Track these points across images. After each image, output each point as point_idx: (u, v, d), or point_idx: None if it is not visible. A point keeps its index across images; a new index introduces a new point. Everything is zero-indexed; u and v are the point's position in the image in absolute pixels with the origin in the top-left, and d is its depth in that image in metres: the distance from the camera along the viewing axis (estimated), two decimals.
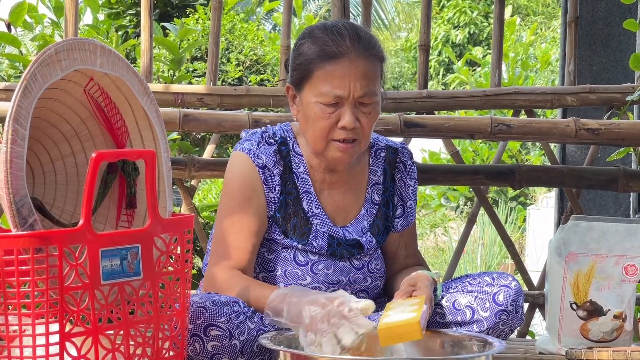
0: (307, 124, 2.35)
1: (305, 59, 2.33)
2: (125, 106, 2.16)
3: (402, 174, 2.53)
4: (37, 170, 2.26)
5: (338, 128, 2.32)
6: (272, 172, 2.39)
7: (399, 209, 2.53)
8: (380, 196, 2.50)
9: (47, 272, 1.72)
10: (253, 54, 7.45)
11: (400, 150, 2.54)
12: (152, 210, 1.90)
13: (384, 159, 2.51)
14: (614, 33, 4.93)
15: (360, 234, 2.45)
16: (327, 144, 2.34)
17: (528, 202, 11.26)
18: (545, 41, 15.25)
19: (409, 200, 2.53)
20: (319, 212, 2.43)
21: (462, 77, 9.48)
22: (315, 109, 2.31)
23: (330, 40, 2.32)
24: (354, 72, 2.30)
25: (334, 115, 2.31)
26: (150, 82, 3.52)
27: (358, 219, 2.47)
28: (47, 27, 4.15)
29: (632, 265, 2.63)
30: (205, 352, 2.13)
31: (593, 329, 2.61)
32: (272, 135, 2.42)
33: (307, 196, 2.42)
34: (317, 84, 2.31)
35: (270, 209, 2.39)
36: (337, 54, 2.30)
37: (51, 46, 1.92)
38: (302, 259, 2.41)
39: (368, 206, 2.49)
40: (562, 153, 4.91)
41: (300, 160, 2.43)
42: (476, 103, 3.63)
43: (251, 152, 2.39)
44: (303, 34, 2.40)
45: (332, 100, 2.30)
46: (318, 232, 2.41)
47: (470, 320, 2.35)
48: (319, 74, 2.31)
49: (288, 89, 2.40)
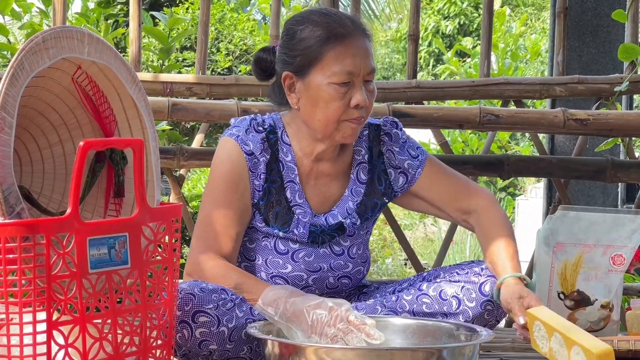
0: (315, 108, 2.34)
1: (312, 42, 2.33)
2: (113, 95, 2.15)
3: (387, 144, 2.52)
4: (25, 159, 2.25)
5: (351, 107, 2.33)
6: (258, 159, 2.39)
7: (400, 177, 2.51)
8: (366, 174, 2.50)
9: (34, 260, 1.72)
10: (243, 44, 7.44)
11: (383, 124, 2.54)
12: (140, 199, 1.90)
13: (367, 137, 2.51)
14: (603, 24, 4.93)
15: (345, 214, 2.45)
16: (337, 125, 2.35)
17: (517, 192, 11.28)
18: (535, 32, 15.26)
19: (405, 162, 2.50)
20: (302, 202, 2.43)
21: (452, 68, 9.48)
22: (329, 90, 2.31)
23: (333, 22, 2.34)
24: (360, 50, 2.33)
25: (346, 95, 2.32)
26: (139, 71, 3.52)
27: (342, 201, 2.47)
28: (35, 16, 4.13)
29: (620, 256, 2.64)
30: (193, 339, 2.13)
31: (580, 318, 2.61)
32: (261, 123, 2.42)
33: (292, 185, 2.42)
34: (330, 64, 2.31)
35: (255, 197, 2.39)
36: (345, 34, 2.33)
37: (39, 34, 1.91)
38: (283, 248, 2.41)
39: (353, 186, 2.48)
40: (551, 143, 4.93)
41: (288, 150, 2.43)
42: (465, 93, 3.64)
43: (239, 138, 2.38)
44: (297, 20, 2.40)
45: (346, 79, 2.31)
46: (300, 221, 2.41)
47: (455, 310, 2.36)
48: (331, 54, 2.31)
49: (286, 77, 2.38)
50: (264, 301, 2.17)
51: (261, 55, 2.48)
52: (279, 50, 2.42)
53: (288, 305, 2.12)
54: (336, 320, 2.05)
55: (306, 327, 2.08)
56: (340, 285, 2.46)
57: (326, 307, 2.07)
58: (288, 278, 2.40)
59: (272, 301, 2.15)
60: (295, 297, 2.13)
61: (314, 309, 2.08)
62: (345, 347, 1.99)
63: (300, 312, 2.09)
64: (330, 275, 2.43)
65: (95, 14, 4.84)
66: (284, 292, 2.16)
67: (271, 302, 2.15)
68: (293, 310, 2.10)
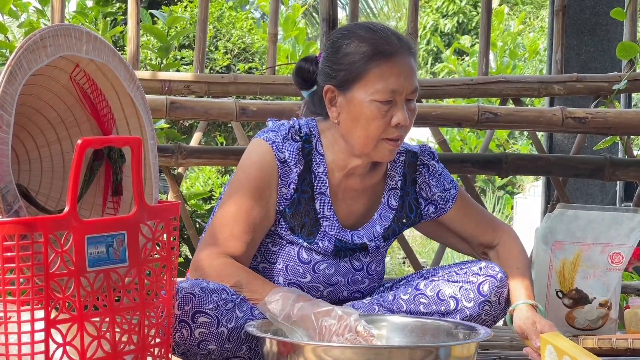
0: (356, 124, 2.32)
1: (357, 58, 2.31)
2: (111, 93, 2.15)
3: (425, 176, 2.51)
4: (23, 157, 2.25)
5: (391, 126, 2.31)
6: (291, 168, 2.35)
7: (430, 207, 2.51)
8: (397, 201, 2.48)
9: (32, 258, 1.71)
10: (241, 42, 7.42)
11: (421, 153, 2.52)
12: (138, 197, 1.89)
13: (403, 163, 2.50)
14: (602, 22, 4.94)
15: (371, 237, 2.44)
16: (376, 144, 2.33)
17: (515, 191, 11.28)
18: (534, 30, 15.27)
19: (437, 194, 2.50)
20: (330, 215, 2.40)
21: (450, 67, 9.48)
22: (372, 108, 2.29)
23: (380, 38, 2.32)
24: (405, 69, 2.31)
25: (388, 113, 2.30)
26: (138, 69, 3.52)
27: (370, 224, 2.45)
28: (32, 14, 4.13)
29: (618, 254, 2.64)
30: (192, 339, 2.13)
31: (579, 317, 2.62)
32: (298, 131, 2.38)
33: (322, 197, 2.40)
34: (373, 81, 2.29)
35: (281, 204, 2.36)
36: (392, 52, 2.30)
37: (36, 32, 1.91)
38: (306, 257, 2.39)
39: (383, 211, 2.47)
40: (550, 142, 4.93)
41: (321, 160, 2.40)
42: (464, 91, 3.64)
43: (275, 144, 2.35)
44: (343, 34, 2.37)
45: (389, 98, 2.29)
46: (326, 234, 2.39)
47: (453, 310, 2.36)
48: (375, 71, 2.29)
49: (327, 91, 2.35)
50: (269, 301, 2.15)
51: (303, 65, 2.46)
52: (323, 62, 2.39)
53: (295, 309, 2.11)
54: (345, 330, 2.06)
55: (313, 332, 2.08)
56: (352, 298, 2.46)
57: (336, 316, 2.08)
58: (304, 287, 2.38)
59: (277, 302, 2.14)
60: (303, 302, 2.13)
61: (323, 316, 2.08)
62: (343, 345, 1.99)
63: (307, 317, 2.09)
64: (346, 289, 2.43)
65: (93, 12, 4.84)
66: (291, 295, 2.15)
67: (277, 303, 2.14)
68: (300, 314, 2.10)
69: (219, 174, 6.03)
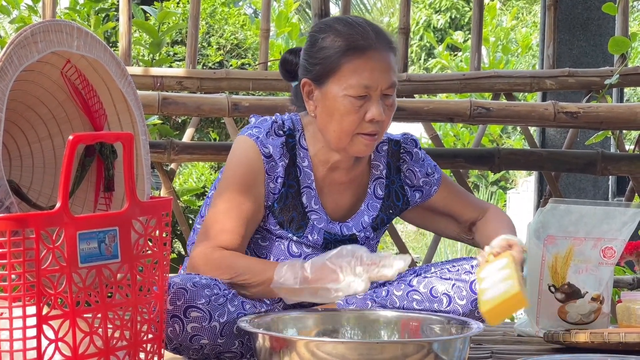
0: (331, 118, 2.33)
1: (331, 52, 2.31)
2: (102, 89, 2.15)
3: (409, 163, 2.52)
4: (14, 153, 2.24)
5: (366, 121, 2.30)
6: (276, 162, 2.36)
7: (417, 193, 2.53)
8: (383, 190, 2.49)
9: (23, 255, 1.71)
10: (234, 38, 7.41)
11: (403, 141, 2.53)
12: (130, 193, 1.89)
13: (386, 152, 2.50)
14: (593, 17, 4.94)
15: (360, 228, 2.45)
16: (352, 138, 2.33)
17: (508, 186, 11.30)
18: (526, 25, 15.27)
19: (422, 179, 2.52)
20: (318, 208, 2.41)
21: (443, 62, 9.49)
22: (345, 102, 2.30)
23: (356, 33, 2.31)
24: (380, 64, 2.30)
25: (362, 108, 2.30)
26: (129, 65, 3.51)
27: (358, 214, 2.46)
28: (23, 11, 4.13)
29: (610, 248, 2.64)
30: (184, 333, 2.13)
31: (571, 311, 2.62)
32: (281, 126, 2.39)
33: (308, 191, 2.40)
34: (347, 76, 2.29)
35: (269, 199, 2.37)
36: (366, 46, 2.30)
37: (27, 28, 1.90)
38: (296, 250, 2.40)
39: (370, 201, 2.48)
40: (542, 137, 4.94)
41: (305, 155, 2.41)
42: (456, 86, 3.65)
43: (259, 140, 2.35)
44: (320, 28, 2.38)
45: (362, 93, 2.29)
46: (314, 227, 2.40)
47: (446, 308, 2.37)
48: (349, 66, 2.29)
49: (305, 84, 2.36)
50: (278, 278, 2.17)
51: (287, 57, 2.47)
52: (302, 55, 2.40)
53: (308, 270, 2.14)
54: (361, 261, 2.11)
55: (335, 276, 2.10)
56: None
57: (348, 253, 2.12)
58: None
59: (287, 274, 2.16)
60: (308, 261, 2.16)
61: (337, 259, 2.12)
62: (336, 341, 1.99)
63: (324, 270, 2.12)
64: None
65: (85, 8, 4.83)
66: (296, 262, 2.18)
67: (286, 275, 2.16)
68: (315, 270, 2.13)
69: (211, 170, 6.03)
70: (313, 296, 2.14)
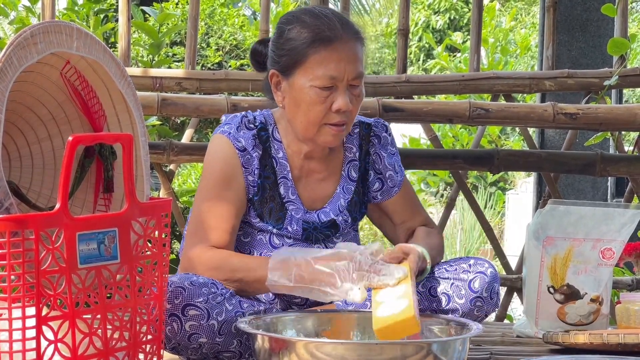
0: (298, 109, 2.35)
1: (297, 44, 2.32)
2: (102, 90, 2.15)
3: (376, 146, 2.53)
4: (14, 154, 2.24)
5: (332, 111, 2.32)
6: (251, 155, 2.39)
7: (377, 182, 2.53)
8: (357, 172, 2.50)
9: (23, 255, 1.71)
10: (233, 39, 7.41)
11: (374, 124, 2.54)
12: (130, 194, 1.89)
13: (358, 134, 2.52)
14: (592, 18, 4.94)
15: (337, 212, 2.46)
16: (319, 129, 2.35)
17: (507, 187, 11.30)
18: (525, 27, 15.28)
19: (387, 171, 2.53)
20: (295, 199, 2.43)
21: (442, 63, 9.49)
22: (310, 93, 2.31)
23: (322, 24, 2.32)
24: (347, 55, 2.31)
25: (328, 99, 2.31)
26: (129, 66, 3.51)
27: (334, 198, 2.48)
28: (21, 12, 4.13)
29: (609, 249, 2.64)
30: (183, 332, 2.13)
31: (570, 312, 2.62)
32: (252, 121, 2.42)
33: (285, 182, 2.42)
34: (313, 67, 2.31)
35: (249, 192, 2.39)
36: (332, 37, 2.31)
37: (27, 29, 1.90)
38: (278, 242, 2.41)
39: (344, 184, 2.49)
40: (541, 138, 4.94)
41: (280, 147, 2.43)
42: (455, 88, 3.65)
43: (231, 135, 2.38)
44: (287, 20, 2.39)
45: (328, 84, 2.30)
46: (293, 217, 2.42)
47: (445, 307, 2.37)
48: (315, 57, 2.31)
49: (272, 75, 2.38)
50: (272, 279, 2.18)
51: (256, 48, 2.49)
52: (270, 47, 2.41)
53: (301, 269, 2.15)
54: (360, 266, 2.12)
55: (333, 280, 2.11)
56: None
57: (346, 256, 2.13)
58: None
59: (281, 275, 2.17)
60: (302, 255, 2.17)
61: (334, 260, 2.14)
62: (335, 342, 1.99)
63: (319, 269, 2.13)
64: None
65: (85, 9, 4.83)
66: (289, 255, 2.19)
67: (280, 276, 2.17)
68: (311, 270, 2.14)
69: None
70: (308, 294, 2.16)
